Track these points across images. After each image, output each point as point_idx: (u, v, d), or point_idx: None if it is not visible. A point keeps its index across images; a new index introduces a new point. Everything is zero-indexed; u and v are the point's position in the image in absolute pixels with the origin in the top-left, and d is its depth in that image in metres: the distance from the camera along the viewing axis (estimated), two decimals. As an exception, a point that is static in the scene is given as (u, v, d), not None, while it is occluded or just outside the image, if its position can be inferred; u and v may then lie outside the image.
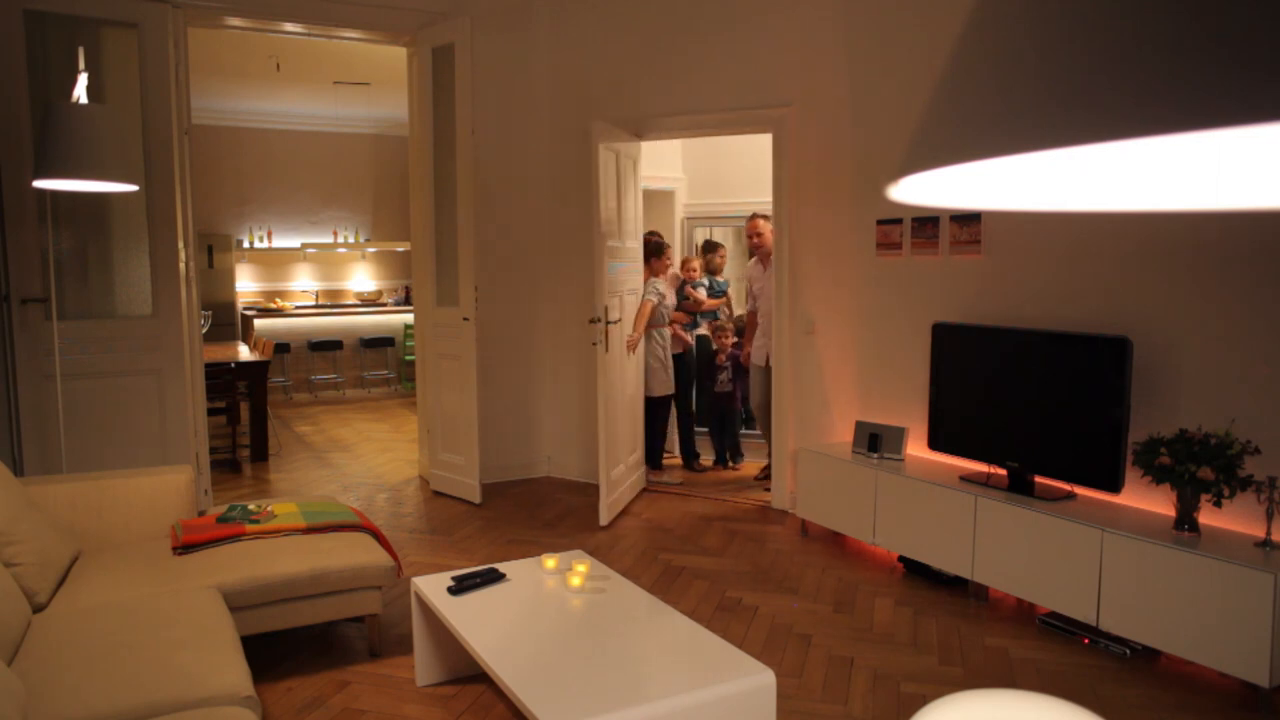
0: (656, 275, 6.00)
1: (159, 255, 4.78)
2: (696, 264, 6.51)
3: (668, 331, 6.15)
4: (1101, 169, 0.93)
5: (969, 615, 3.80)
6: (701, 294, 6.39)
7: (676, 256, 6.62)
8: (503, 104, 5.72)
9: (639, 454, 5.79)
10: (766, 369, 5.62)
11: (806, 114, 5.13)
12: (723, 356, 6.28)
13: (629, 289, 5.55)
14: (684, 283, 6.39)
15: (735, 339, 6.29)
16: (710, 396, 6.41)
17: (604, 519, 5.01)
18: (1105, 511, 3.58)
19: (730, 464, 6.37)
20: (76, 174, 3.60)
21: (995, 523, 3.79)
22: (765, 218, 5.63)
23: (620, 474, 5.33)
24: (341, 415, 8.97)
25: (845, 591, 4.07)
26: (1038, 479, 3.88)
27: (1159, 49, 0.57)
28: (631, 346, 5.72)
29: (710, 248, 6.67)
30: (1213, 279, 3.44)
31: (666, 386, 6.13)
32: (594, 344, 5.00)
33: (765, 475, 5.83)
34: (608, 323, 4.98)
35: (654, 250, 5.99)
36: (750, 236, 5.78)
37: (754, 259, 5.87)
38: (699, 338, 6.57)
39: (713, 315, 6.54)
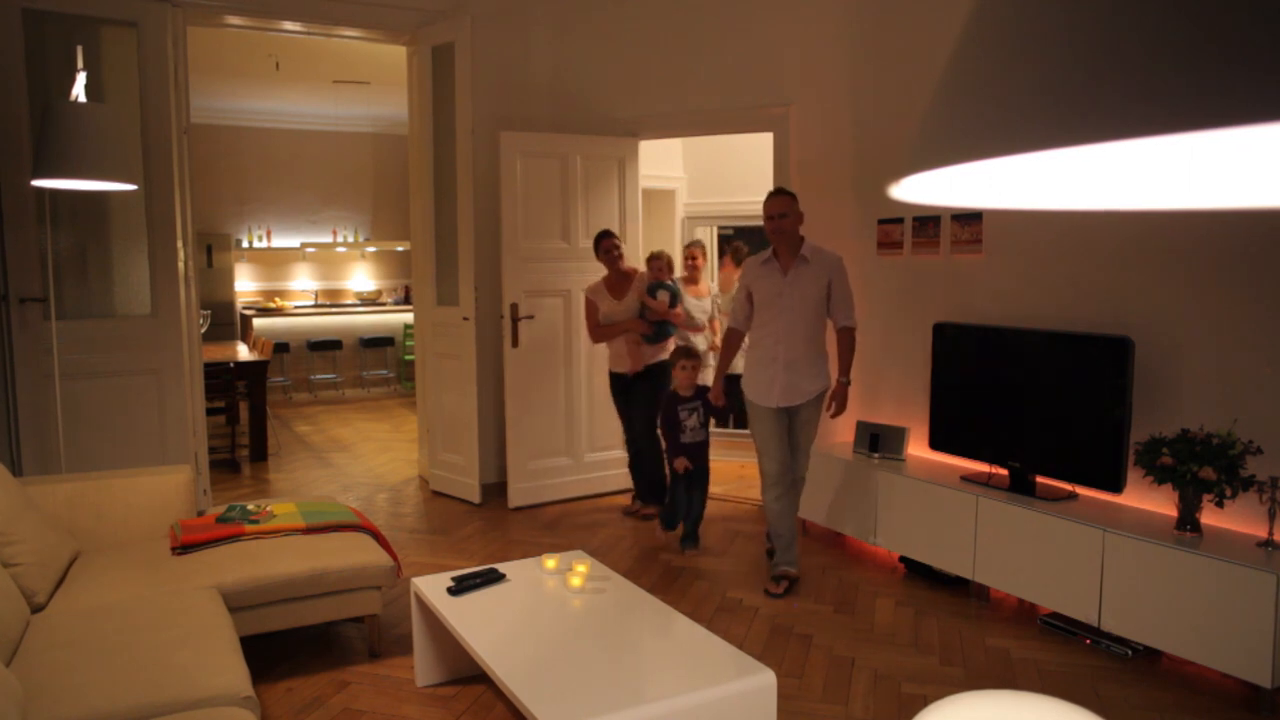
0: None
1: (158, 255, 4.77)
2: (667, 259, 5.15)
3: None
4: (1102, 169, 0.93)
5: (970, 616, 3.79)
6: (665, 300, 5.02)
7: (677, 260, 6.48)
8: (502, 103, 5.70)
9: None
10: (781, 412, 4.06)
11: (807, 113, 5.13)
12: (687, 392, 4.59)
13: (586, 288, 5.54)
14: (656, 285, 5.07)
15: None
16: (674, 449, 4.61)
17: (512, 502, 5.42)
18: (1107, 512, 3.58)
19: (687, 547, 4.63)
20: (75, 173, 3.59)
21: (996, 523, 3.79)
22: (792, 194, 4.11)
23: (556, 465, 5.59)
24: (341, 415, 8.96)
25: (846, 592, 4.07)
26: (1039, 479, 3.87)
27: (1158, 50, 0.57)
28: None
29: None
30: (1214, 279, 3.43)
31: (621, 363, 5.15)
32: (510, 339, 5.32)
33: (782, 587, 4.02)
34: (515, 319, 5.32)
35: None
36: (771, 218, 3.99)
37: (766, 255, 4.12)
38: (658, 365, 5.07)
39: (667, 329, 5.09)
